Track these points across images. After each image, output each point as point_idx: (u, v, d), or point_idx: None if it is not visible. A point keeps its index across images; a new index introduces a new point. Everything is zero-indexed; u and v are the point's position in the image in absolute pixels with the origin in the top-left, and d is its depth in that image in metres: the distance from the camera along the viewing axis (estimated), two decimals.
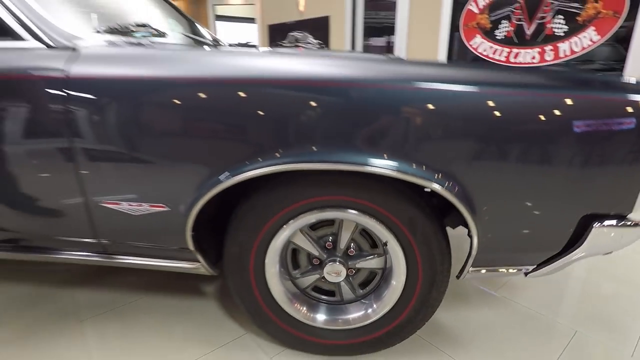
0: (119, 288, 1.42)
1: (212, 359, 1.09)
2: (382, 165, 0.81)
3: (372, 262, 1.04)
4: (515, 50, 3.58)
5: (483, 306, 1.34)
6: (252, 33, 7.18)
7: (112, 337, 1.18)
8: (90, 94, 0.87)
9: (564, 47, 3.22)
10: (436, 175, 0.83)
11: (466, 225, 0.92)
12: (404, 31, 4.38)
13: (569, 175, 0.82)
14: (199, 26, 2.04)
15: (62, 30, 0.96)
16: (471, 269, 0.96)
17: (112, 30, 1.10)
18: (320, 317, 1.05)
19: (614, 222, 0.86)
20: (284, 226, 0.96)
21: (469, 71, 0.84)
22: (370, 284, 1.09)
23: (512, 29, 3.56)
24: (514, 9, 3.52)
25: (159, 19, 1.72)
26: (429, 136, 0.80)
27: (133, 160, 0.90)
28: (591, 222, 0.87)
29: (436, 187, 0.82)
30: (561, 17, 3.16)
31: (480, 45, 3.76)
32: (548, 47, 3.37)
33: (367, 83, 0.80)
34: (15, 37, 0.94)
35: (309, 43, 5.69)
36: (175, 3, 6.35)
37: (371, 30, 5.00)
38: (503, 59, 3.65)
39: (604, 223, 0.86)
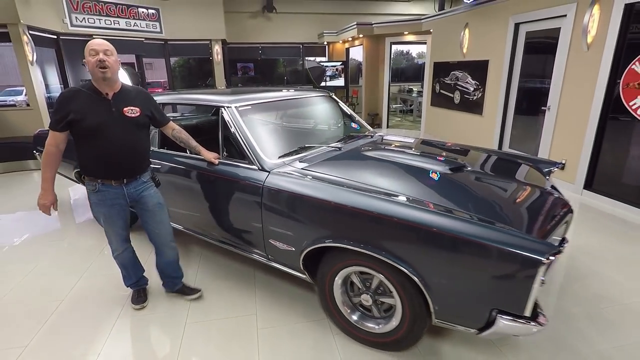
0: (273, 275, 2.66)
1: (305, 326, 2.15)
2: (401, 265, 1.63)
3: (390, 300, 1.88)
4: None
5: (480, 353, 1.94)
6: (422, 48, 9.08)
7: (267, 297, 2.40)
8: (272, 193, 2.04)
9: None
10: (419, 277, 1.62)
11: None
12: (558, 84, 4.41)
13: (477, 286, 1.49)
14: (357, 120, 3.16)
15: (265, 160, 2.18)
16: (436, 320, 1.69)
17: (288, 154, 2.28)
18: (354, 317, 1.98)
19: (511, 317, 1.47)
20: (343, 270, 1.91)
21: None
22: (390, 311, 1.92)
23: None
24: None
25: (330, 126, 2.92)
26: (427, 262, 1.60)
27: (287, 224, 2.02)
28: (497, 314, 1.49)
29: (414, 278, 1.63)
30: None
31: None
32: None
33: (415, 223, 1.60)
34: (248, 162, 2.20)
35: (467, 83, 6.53)
36: (359, 39, 7.74)
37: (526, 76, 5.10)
38: None
39: (504, 317, 1.48)
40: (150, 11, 8.40)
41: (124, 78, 7.14)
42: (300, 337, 2.08)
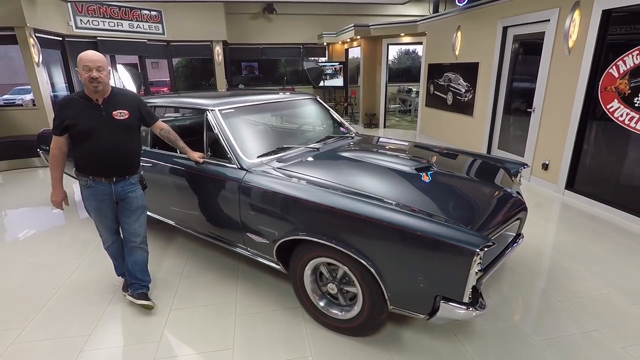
0: (255, 267, 2.84)
1: (279, 313, 2.33)
2: (360, 257, 1.80)
3: (352, 288, 2.04)
4: None
5: (438, 340, 2.11)
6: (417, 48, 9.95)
7: (247, 287, 2.58)
8: (248, 189, 2.22)
9: None
10: (373, 267, 1.78)
11: None
12: (542, 86, 4.54)
13: (422, 275, 1.66)
14: (341, 123, 3.32)
15: (244, 159, 2.35)
16: (391, 306, 1.86)
17: (267, 154, 2.46)
18: (322, 304, 2.15)
19: (452, 303, 1.63)
20: (312, 260, 2.09)
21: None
22: (354, 300, 2.09)
23: None
24: None
25: (311, 128, 3.07)
26: (379, 253, 1.77)
27: (261, 218, 2.21)
28: (441, 300, 1.66)
29: (371, 270, 1.79)
30: None
31: (616, 110, 3.71)
32: None
33: (376, 220, 1.81)
34: (230, 161, 2.38)
35: (459, 84, 6.74)
36: (357, 40, 7.88)
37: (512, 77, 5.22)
38: None
39: (447, 302, 1.64)
40: (153, 13, 8.62)
41: (126, 78, 7.38)
42: (274, 323, 2.26)
